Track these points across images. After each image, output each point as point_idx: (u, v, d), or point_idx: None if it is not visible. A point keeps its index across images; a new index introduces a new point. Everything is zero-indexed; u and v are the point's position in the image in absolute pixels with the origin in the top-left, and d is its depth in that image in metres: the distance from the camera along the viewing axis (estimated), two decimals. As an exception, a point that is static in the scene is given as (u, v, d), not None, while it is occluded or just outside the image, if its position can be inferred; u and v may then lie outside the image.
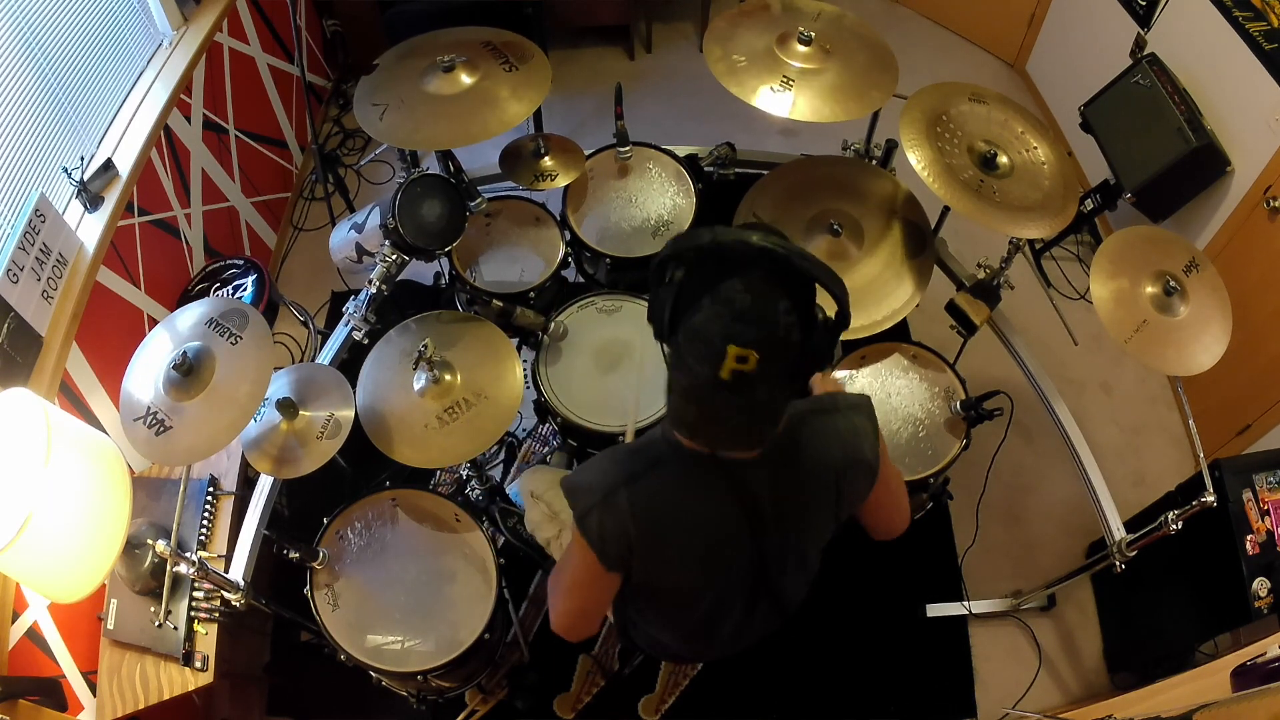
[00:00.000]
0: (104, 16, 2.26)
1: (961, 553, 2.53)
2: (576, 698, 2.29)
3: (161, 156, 2.45)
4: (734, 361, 0.98)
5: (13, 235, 1.80)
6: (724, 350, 0.98)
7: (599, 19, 3.74)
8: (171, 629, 1.78)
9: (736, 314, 0.99)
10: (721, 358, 0.99)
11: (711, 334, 0.99)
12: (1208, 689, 1.57)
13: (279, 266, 3.19)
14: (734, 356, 0.98)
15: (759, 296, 0.99)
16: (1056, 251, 3.15)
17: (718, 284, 1.00)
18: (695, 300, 1.02)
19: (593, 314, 2.17)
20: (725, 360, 0.99)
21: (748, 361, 0.98)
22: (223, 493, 1.99)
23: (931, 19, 3.97)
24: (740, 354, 0.98)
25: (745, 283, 1.00)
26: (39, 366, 1.82)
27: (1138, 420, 2.83)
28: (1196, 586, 2.07)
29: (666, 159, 2.38)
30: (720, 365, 0.99)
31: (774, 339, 1.00)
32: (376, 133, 1.96)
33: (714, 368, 1.00)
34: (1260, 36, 2.32)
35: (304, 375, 1.85)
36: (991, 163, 1.92)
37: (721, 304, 0.99)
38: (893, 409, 2.08)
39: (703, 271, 1.02)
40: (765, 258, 1.00)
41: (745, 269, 1.00)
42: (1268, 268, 2.38)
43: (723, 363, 0.99)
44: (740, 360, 0.98)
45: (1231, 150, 2.47)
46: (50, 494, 1.23)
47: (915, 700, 2.31)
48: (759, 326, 0.99)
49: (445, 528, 1.92)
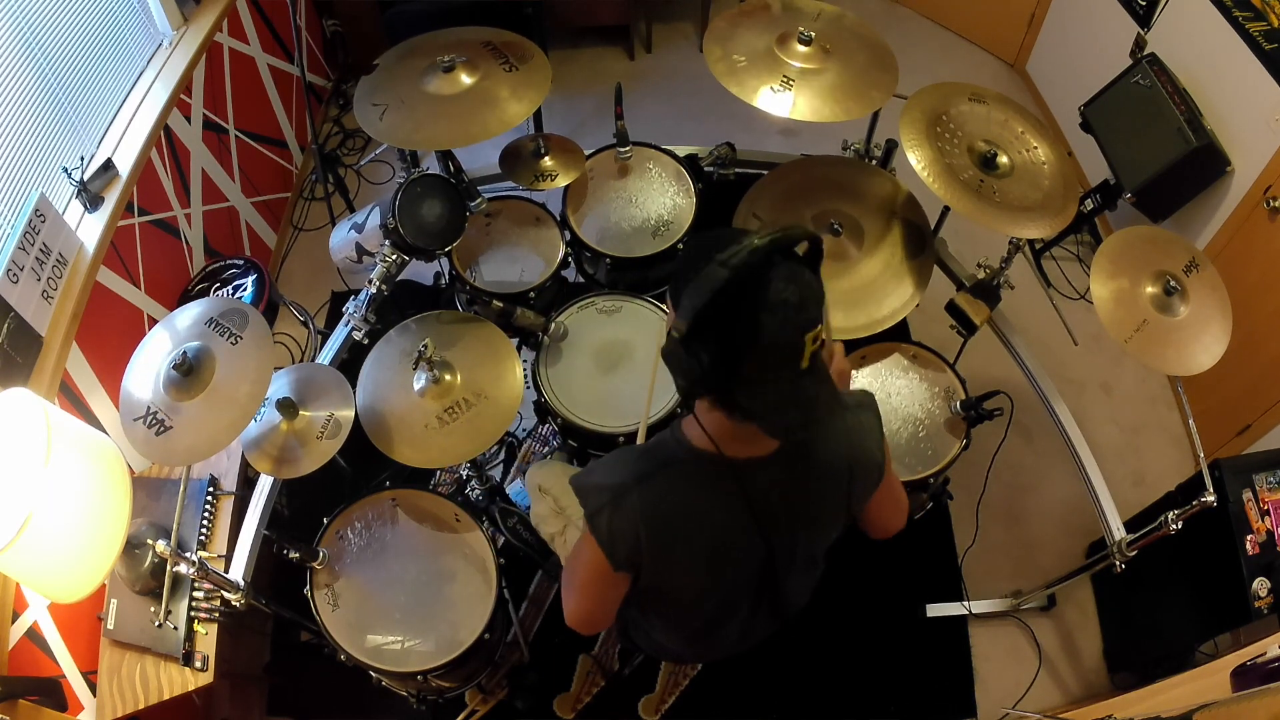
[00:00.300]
0: (104, 16, 2.26)
1: (961, 553, 2.53)
2: (576, 698, 2.29)
3: (161, 156, 2.45)
4: (811, 344, 1.01)
5: (13, 235, 1.80)
6: (803, 344, 1.01)
7: (599, 19, 3.73)
8: (171, 629, 1.78)
9: (797, 307, 1.00)
10: (802, 350, 1.01)
11: (788, 337, 1.00)
12: (1208, 689, 1.57)
13: (279, 266, 3.19)
14: (811, 340, 1.01)
15: (798, 280, 1.01)
16: (1056, 251, 3.15)
17: (762, 295, 0.99)
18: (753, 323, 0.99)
19: (593, 314, 2.17)
20: (805, 350, 1.01)
21: (819, 339, 1.02)
22: (223, 493, 1.99)
23: (931, 19, 3.97)
24: (815, 335, 1.01)
25: (782, 279, 1.00)
26: (39, 366, 1.82)
27: (1138, 420, 2.83)
28: (1196, 586, 2.07)
29: (666, 159, 2.38)
30: (801, 357, 1.02)
31: (823, 301, 1.03)
32: (376, 133, 1.96)
33: (796, 364, 1.02)
34: (1260, 36, 2.32)
35: (304, 375, 1.85)
36: (991, 163, 1.92)
37: (780, 308, 0.99)
38: (893, 409, 2.08)
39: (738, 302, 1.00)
40: (775, 250, 1.01)
41: (770, 269, 1.00)
42: (1268, 268, 2.38)
43: (804, 353, 1.01)
44: (815, 340, 1.02)
45: (1231, 150, 2.47)
46: (50, 494, 1.23)
47: (915, 700, 2.31)
48: (815, 301, 1.02)
49: (445, 528, 1.92)
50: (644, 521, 1.15)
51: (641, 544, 1.17)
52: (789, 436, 1.13)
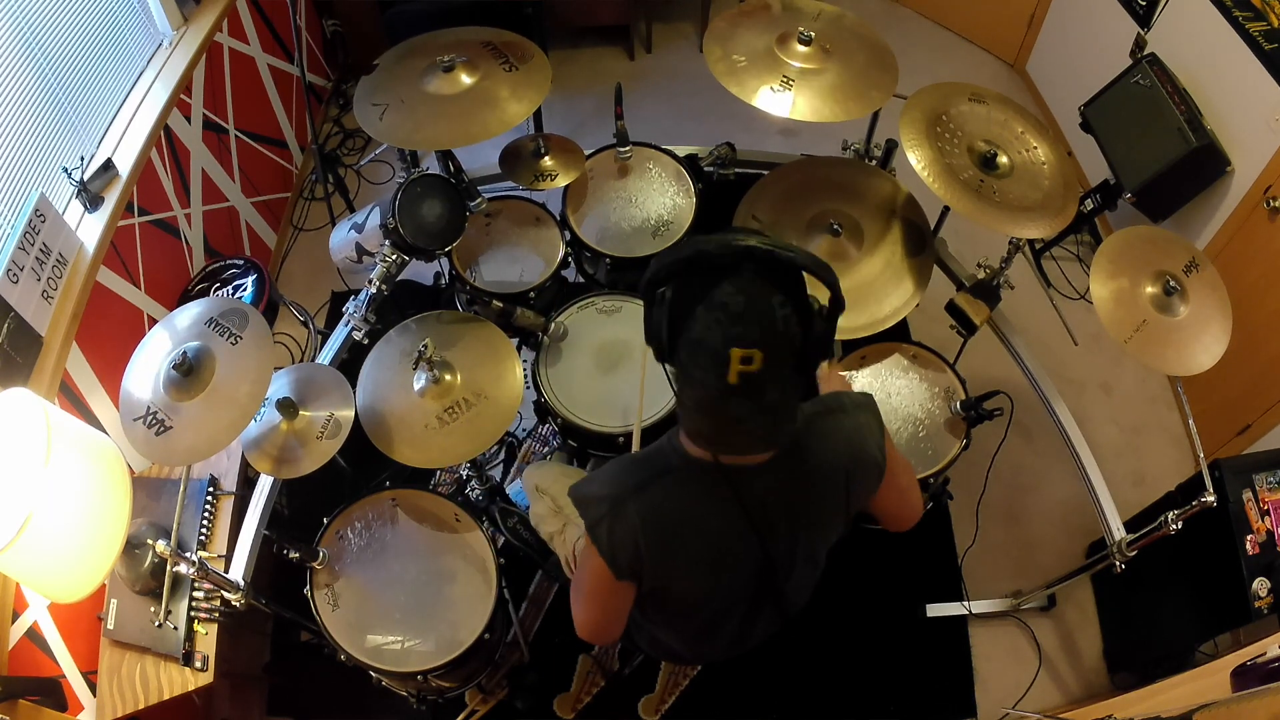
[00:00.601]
0: (104, 16, 2.26)
1: (961, 553, 2.53)
2: (576, 698, 2.29)
3: (161, 156, 2.45)
4: (739, 364, 0.98)
5: (13, 235, 1.80)
6: (727, 355, 0.98)
7: (599, 19, 3.73)
8: (171, 629, 1.78)
9: (733, 317, 0.98)
10: (726, 363, 0.98)
11: (712, 341, 0.99)
12: (1208, 689, 1.57)
13: (279, 266, 3.19)
14: (739, 359, 0.98)
15: (752, 296, 0.98)
16: (1056, 251, 3.15)
17: (709, 291, 0.99)
18: (689, 312, 1.00)
19: (593, 314, 2.17)
20: (731, 365, 0.98)
21: (753, 362, 0.98)
22: (223, 493, 1.99)
23: (931, 19, 3.97)
24: (744, 354, 0.97)
25: (736, 284, 0.98)
26: (39, 366, 1.82)
27: (1138, 420, 2.83)
28: (1196, 586, 2.07)
29: (666, 159, 2.38)
30: (727, 371, 0.98)
31: (774, 334, 0.99)
32: (376, 133, 1.96)
33: (721, 375, 0.99)
34: (1260, 36, 2.32)
35: (304, 375, 1.85)
36: (991, 163, 1.92)
37: (717, 309, 0.98)
38: (893, 409, 2.08)
39: (691, 283, 1.01)
40: (750, 257, 0.99)
41: (733, 271, 0.99)
42: (1268, 268, 2.38)
43: (729, 368, 0.98)
44: (745, 361, 0.98)
45: (1231, 150, 2.47)
46: (50, 494, 1.23)
47: (915, 700, 2.31)
48: (758, 325, 0.98)
49: (445, 528, 1.92)
50: (643, 530, 1.15)
51: (642, 552, 1.17)
52: (697, 442, 1.12)
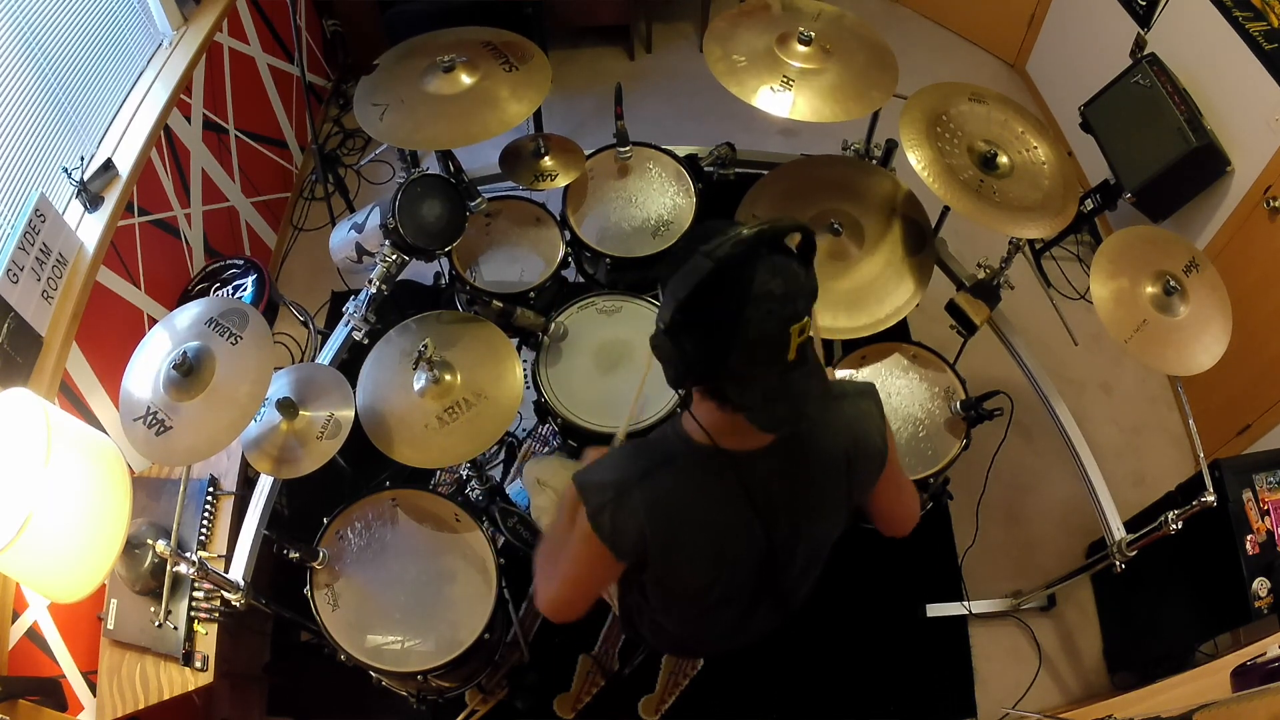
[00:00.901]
0: (104, 16, 2.26)
1: (961, 553, 2.53)
2: (576, 698, 2.29)
3: (161, 156, 2.45)
4: (796, 337, 1.01)
5: (13, 235, 1.80)
6: (789, 335, 1.00)
7: (599, 19, 3.73)
8: (171, 629, 1.78)
9: (782, 299, 0.99)
10: (788, 343, 1.01)
11: (773, 332, 1.00)
12: (1208, 689, 1.57)
13: (279, 266, 3.19)
14: (796, 333, 1.01)
15: (783, 272, 1.00)
16: (1056, 251, 3.15)
17: (747, 289, 0.99)
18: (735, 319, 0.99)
19: (593, 314, 2.17)
20: (791, 342, 1.01)
21: (805, 330, 1.02)
22: (223, 493, 1.99)
23: (931, 19, 3.97)
24: (800, 327, 1.01)
25: (766, 270, 0.99)
26: (39, 366, 1.82)
27: (1138, 420, 2.83)
28: (1196, 586, 2.07)
29: (666, 159, 2.38)
30: (788, 350, 1.01)
31: (810, 294, 1.03)
32: (376, 133, 1.96)
33: (783, 358, 1.02)
34: (1260, 36, 2.32)
35: (304, 375, 1.85)
36: (991, 163, 1.92)
37: (764, 301, 0.99)
38: (893, 409, 2.08)
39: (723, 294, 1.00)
40: (761, 242, 1.01)
41: (756, 260, 1.00)
42: (1268, 268, 2.38)
43: (790, 346, 1.01)
44: (800, 333, 1.01)
45: (1231, 150, 2.47)
46: (50, 494, 1.23)
47: (915, 700, 2.31)
48: (801, 294, 1.01)
49: (445, 528, 1.92)
50: (648, 519, 1.16)
51: (646, 540, 1.17)
52: (779, 430, 1.12)
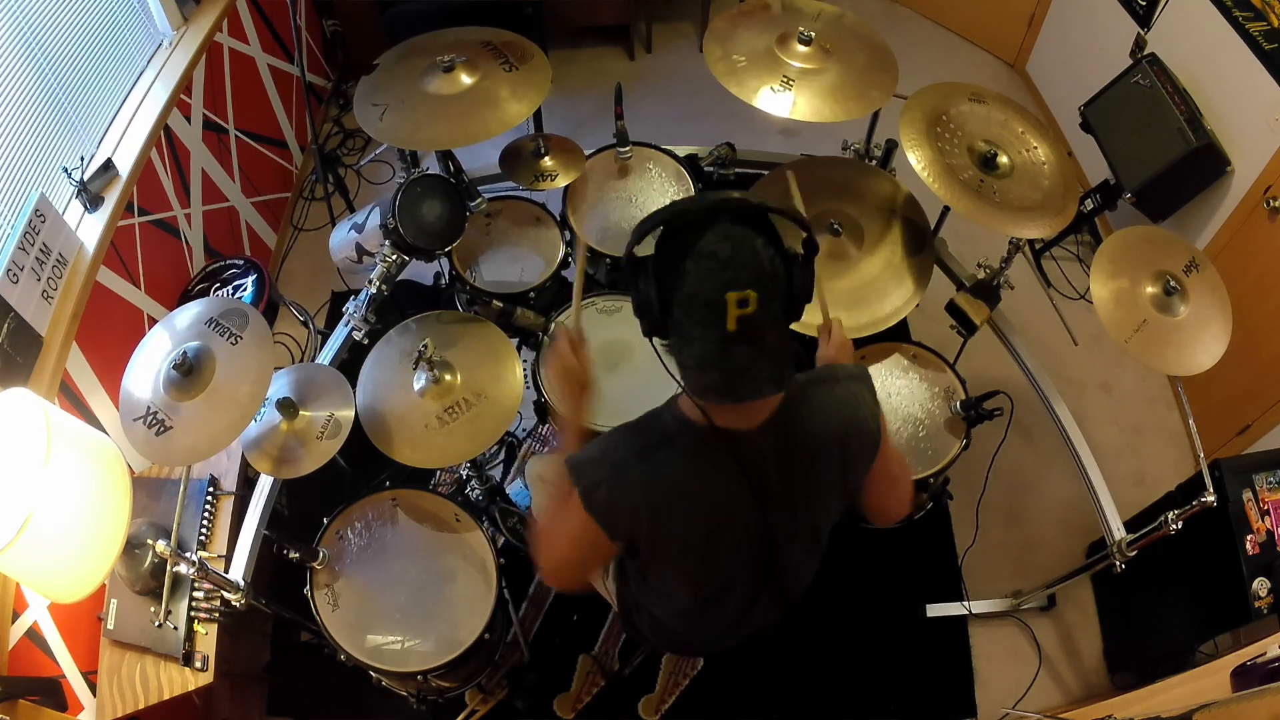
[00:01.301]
0: (104, 16, 2.26)
1: (961, 553, 2.53)
2: (576, 698, 2.29)
3: (161, 156, 2.45)
4: (736, 308, 1.02)
5: (13, 235, 1.80)
6: (724, 302, 1.01)
7: (599, 19, 3.74)
8: (171, 629, 1.78)
9: (723, 263, 1.02)
10: (724, 311, 1.02)
11: (707, 291, 1.02)
12: (1208, 689, 1.57)
13: (279, 266, 3.19)
14: (735, 302, 1.01)
15: (736, 241, 1.03)
16: (1056, 251, 3.15)
17: (694, 245, 1.03)
18: (679, 270, 1.05)
19: (593, 314, 2.17)
20: (729, 311, 1.02)
21: (748, 304, 1.02)
22: (223, 493, 1.99)
23: (931, 19, 3.97)
24: (740, 297, 1.01)
25: (719, 233, 1.03)
26: (39, 366, 1.82)
27: (1138, 420, 2.83)
28: (1196, 586, 2.07)
29: (666, 159, 2.38)
30: (725, 319, 1.02)
31: (764, 274, 1.04)
32: (376, 133, 1.96)
33: (720, 325, 1.03)
34: (1260, 36, 2.32)
35: (304, 375, 1.85)
36: (991, 163, 1.92)
37: (706, 259, 1.02)
38: (893, 409, 2.08)
39: (674, 241, 1.06)
40: (724, 209, 1.04)
41: (712, 222, 1.04)
42: (1268, 268, 2.38)
43: (727, 315, 1.02)
44: (741, 304, 1.01)
45: (1231, 150, 2.47)
46: (50, 494, 1.23)
47: (915, 700, 2.30)
48: (748, 267, 1.02)
49: (445, 528, 1.92)
50: (645, 498, 1.17)
51: (642, 519, 1.18)
52: (707, 398, 1.12)
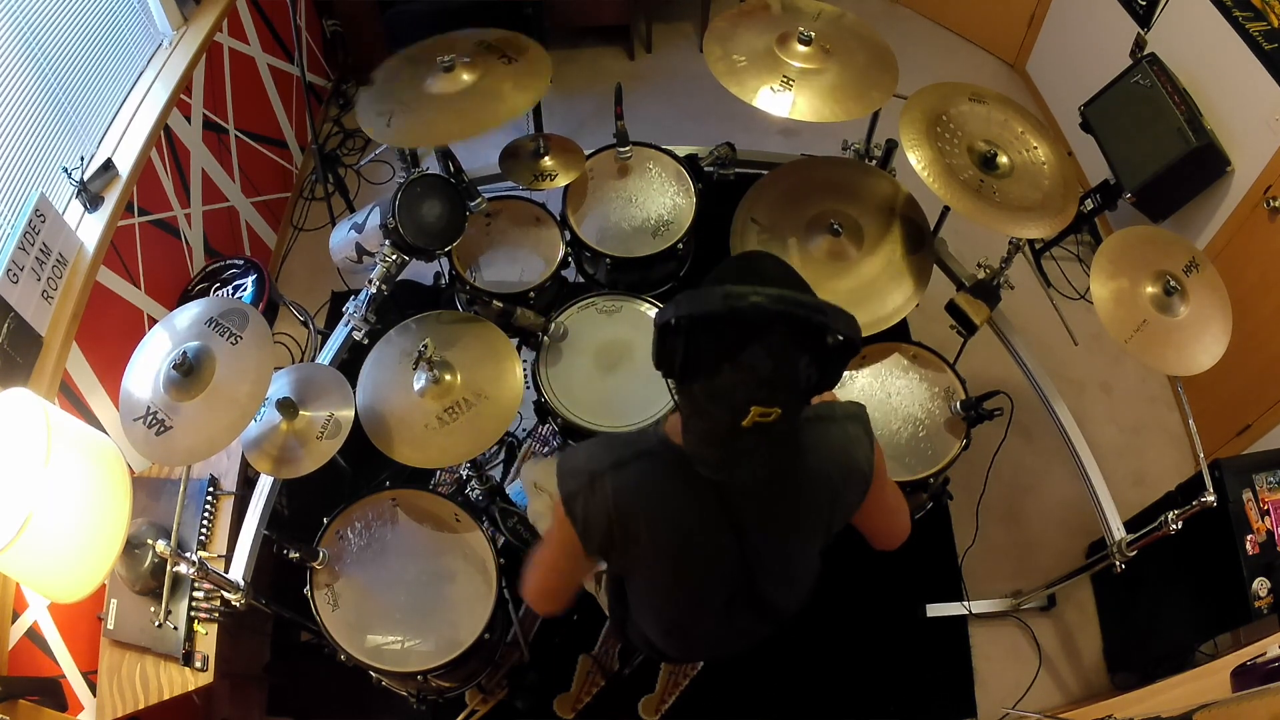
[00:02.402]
0: (104, 16, 2.26)
1: (961, 553, 2.53)
2: (576, 698, 2.29)
3: (161, 156, 2.45)
4: (758, 416, 1.00)
5: (13, 235, 1.80)
6: (747, 410, 1.00)
7: (599, 19, 3.73)
8: (171, 629, 1.78)
9: (760, 381, 0.99)
10: (745, 414, 1.01)
11: (735, 398, 1.00)
12: (1208, 689, 1.57)
13: (279, 266, 3.19)
14: (757, 414, 1.00)
15: (780, 361, 0.99)
16: (1056, 251, 3.15)
17: (737, 352, 0.98)
18: (713, 362, 1.00)
19: (593, 314, 2.17)
20: (749, 416, 1.00)
21: (770, 416, 1.01)
22: (223, 493, 1.99)
23: (931, 19, 3.97)
24: (764, 411, 1.00)
25: (766, 348, 0.98)
26: (39, 366, 1.82)
27: (1138, 420, 2.83)
28: (1196, 586, 2.07)
29: (666, 159, 2.38)
30: (744, 418, 1.01)
31: (796, 392, 1.02)
32: (388, 139, 1.97)
33: (736, 420, 1.02)
34: (1260, 36, 2.32)
35: (304, 375, 1.85)
36: (991, 163, 1.92)
37: (745, 371, 0.99)
38: (893, 409, 2.08)
39: (715, 336, 1.00)
40: (784, 322, 0.98)
41: (764, 333, 0.98)
42: (1268, 268, 2.38)
43: (746, 417, 1.01)
44: (764, 416, 1.01)
45: (1231, 150, 2.47)
46: (50, 494, 1.23)
47: (915, 700, 2.31)
48: (784, 389, 1.00)
49: (445, 528, 1.92)
50: (614, 506, 1.17)
51: (612, 528, 1.19)
52: (697, 466, 1.13)
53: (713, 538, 1.21)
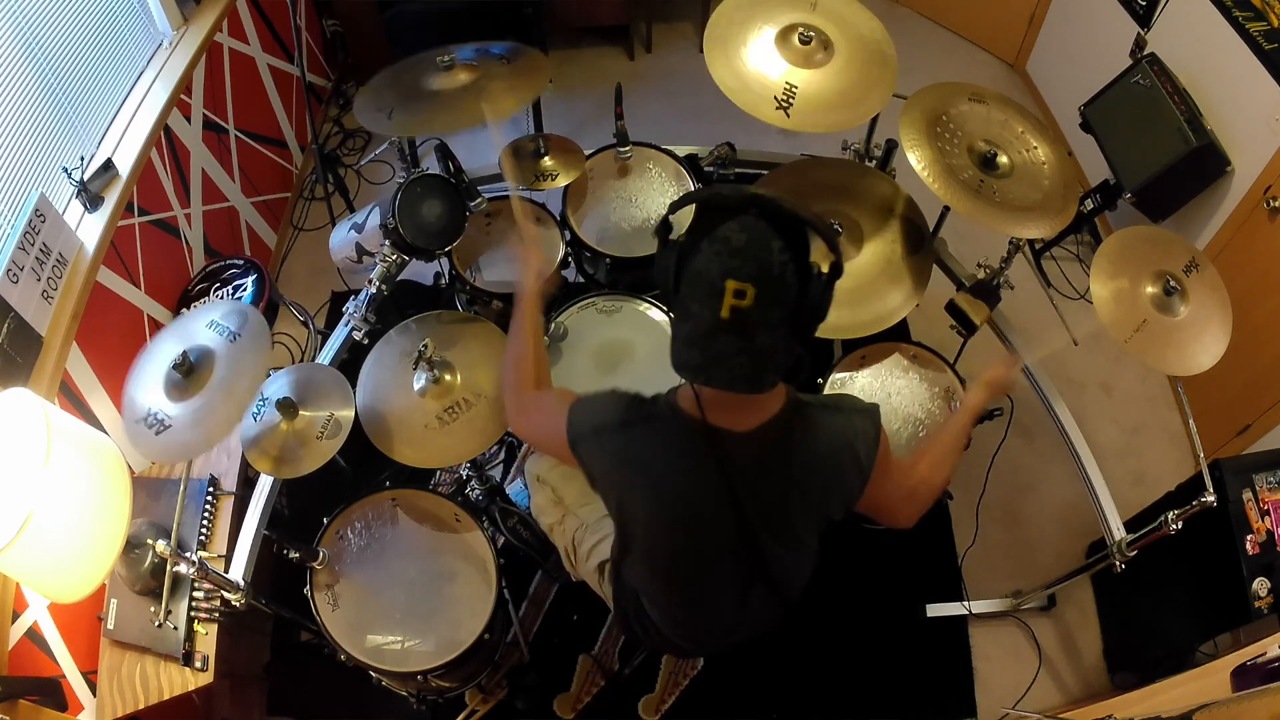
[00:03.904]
0: (104, 16, 2.26)
1: (961, 553, 2.53)
2: (576, 698, 2.29)
3: (161, 156, 2.45)
4: (732, 297, 1.04)
5: (13, 235, 1.80)
6: (722, 287, 1.05)
7: (599, 19, 3.74)
8: (171, 629, 1.78)
9: (732, 250, 1.05)
10: (721, 295, 1.05)
11: (710, 272, 1.06)
12: (1208, 689, 1.57)
13: (279, 266, 3.19)
14: (732, 292, 1.04)
15: (753, 235, 1.06)
16: (1056, 251, 3.15)
17: (715, 228, 1.07)
18: (695, 247, 1.09)
19: (593, 314, 2.17)
20: (725, 297, 1.05)
21: (745, 297, 1.04)
22: (223, 493, 1.99)
23: (931, 19, 3.97)
24: (738, 288, 1.04)
25: (740, 223, 1.07)
26: (39, 366, 1.82)
27: (1138, 420, 2.83)
28: (1196, 586, 2.07)
29: (666, 159, 2.38)
30: (720, 303, 1.05)
31: (769, 275, 1.06)
32: (388, 130, 1.96)
33: (714, 308, 1.06)
34: (1260, 36, 2.32)
35: (304, 375, 1.85)
36: (991, 163, 1.92)
37: (719, 243, 1.06)
38: (893, 409, 2.08)
39: (701, 222, 1.10)
40: (756, 203, 1.08)
41: (740, 213, 1.08)
42: (1268, 268, 2.38)
43: (722, 300, 1.05)
44: (738, 295, 1.04)
45: (1231, 150, 2.47)
46: (50, 494, 1.23)
47: (915, 700, 2.30)
48: (755, 262, 1.05)
49: (445, 528, 1.92)
50: (615, 464, 1.25)
51: (611, 479, 1.27)
52: (683, 373, 1.16)
53: (714, 506, 1.23)
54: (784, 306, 1.08)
